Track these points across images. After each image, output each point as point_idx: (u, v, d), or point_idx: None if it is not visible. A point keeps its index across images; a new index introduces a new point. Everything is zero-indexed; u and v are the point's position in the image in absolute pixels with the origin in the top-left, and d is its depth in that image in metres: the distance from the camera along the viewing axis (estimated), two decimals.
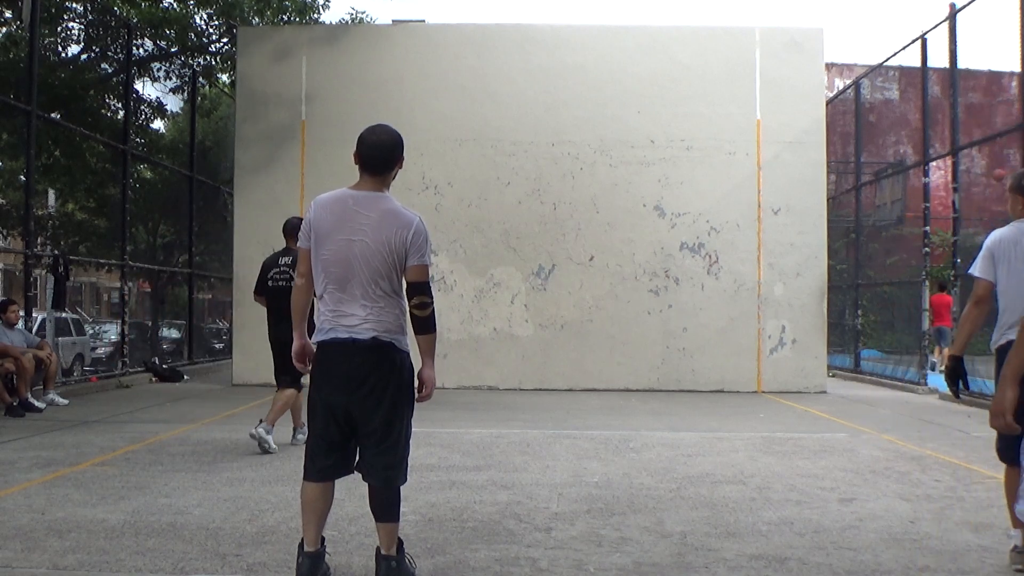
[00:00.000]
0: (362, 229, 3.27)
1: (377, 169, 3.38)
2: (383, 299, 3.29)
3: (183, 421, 8.50)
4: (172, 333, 19.35)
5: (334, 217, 3.30)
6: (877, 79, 16.82)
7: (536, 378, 12.47)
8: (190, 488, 5.29)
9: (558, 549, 4.10)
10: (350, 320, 3.27)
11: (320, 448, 3.39)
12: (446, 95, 12.76)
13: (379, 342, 3.28)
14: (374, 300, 3.28)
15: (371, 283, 3.27)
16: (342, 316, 3.29)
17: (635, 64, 12.72)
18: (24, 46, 12.77)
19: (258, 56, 13.11)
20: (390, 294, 3.30)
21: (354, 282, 3.28)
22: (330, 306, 3.32)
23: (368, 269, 3.26)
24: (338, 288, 3.30)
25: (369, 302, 3.28)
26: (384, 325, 3.29)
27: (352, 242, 3.27)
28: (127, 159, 13.72)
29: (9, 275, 30.86)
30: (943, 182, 14.87)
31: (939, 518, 4.78)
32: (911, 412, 10.02)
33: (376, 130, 3.45)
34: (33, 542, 4.04)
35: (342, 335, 3.28)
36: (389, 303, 3.30)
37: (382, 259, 3.26)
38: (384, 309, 3.29)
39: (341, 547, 4.05)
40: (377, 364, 3.29)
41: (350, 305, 3.28)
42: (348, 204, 3.31)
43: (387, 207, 3.32)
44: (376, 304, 3.28)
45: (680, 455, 6.78)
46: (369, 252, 3.26)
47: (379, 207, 3.31)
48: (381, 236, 3.26)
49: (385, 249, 3.26)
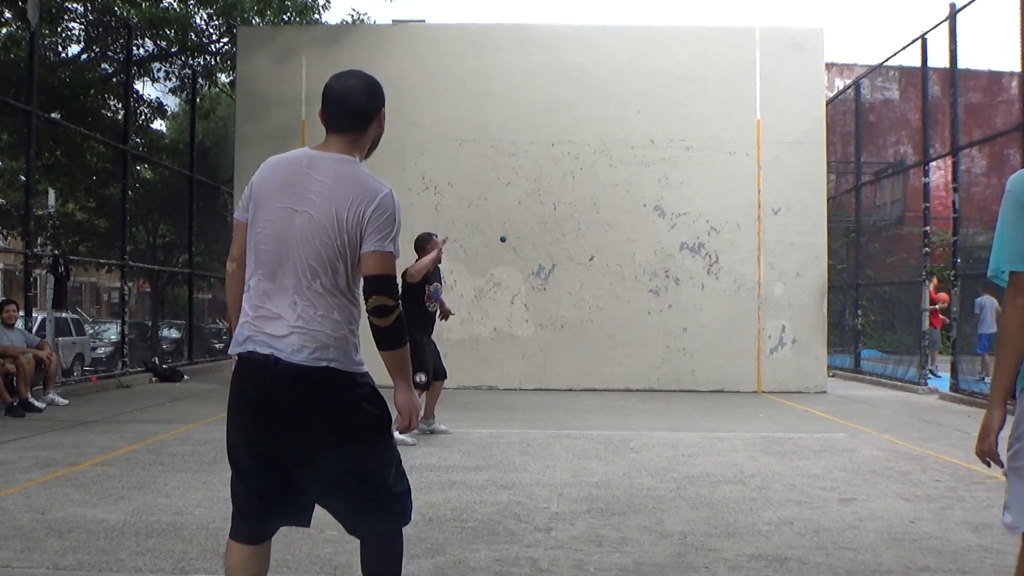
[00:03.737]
0: (309, 198, 2.37)
1: (343, 126, 2.51)
2: (323, 298, 2.34)
3: (183, 421, 8.49)
4: (172, 333, 19.35)
5: (277, 180, 2.43)
6: (877, 79, 16.84)
7: (536, 378, 12.47)
8: (190, 488, 5.29)
9: (558, 549, 4.10)
10: (274, 325, 2.34)
11: (252, 502, 2.42)
12: (446, 95, 12.76)
13: (309, 370, 2.30)
14: (309, 299, 2.34)
15: (307, 272, 2.33)
16: (265, 319, 2.36)
17: (635, 64, 12.72)
18: (24, 46, 12.78)
19: (258, 56, 13.11)
20: (334, 291, 2.34)
21: (287, 268, 2.36)
22: (253, 301, 2.40)
23: (307, 252, 2.34)
24: (267, 276, 2.38)
25: (302, 300, 2.33)
26: (320, 338, 2.31)
27: (294, 212, 2.37)
28: (127, 159, 13.72)
29: (9, 275, 30.87)
30: (943, 182, 14.88)
31: (939, 518, 4.77)
32: (911, 412, 10.02)
33: (343, 76, 2.57)
34: (33, 542, 4.04)
35: (260, 349, 2.34)
36: (332, 304, 2.34)
37: (327, 240, 2.33)
38: (322, 313, 2.33)
39: (341, 547, 4.04)
40: (309, 402, 2.31)
41: (278, 301, 2.35)
42: (301, 165, 2.44)
43: (347, 171, 2.42)
44: (311, 305, 2.33)
45: (680, 455, 6.78)
46: (312, 229, 2.34)
47: (337, 171, 2.42)
48: (331, 207, 2.34)
49: (333, 227, 2.33)
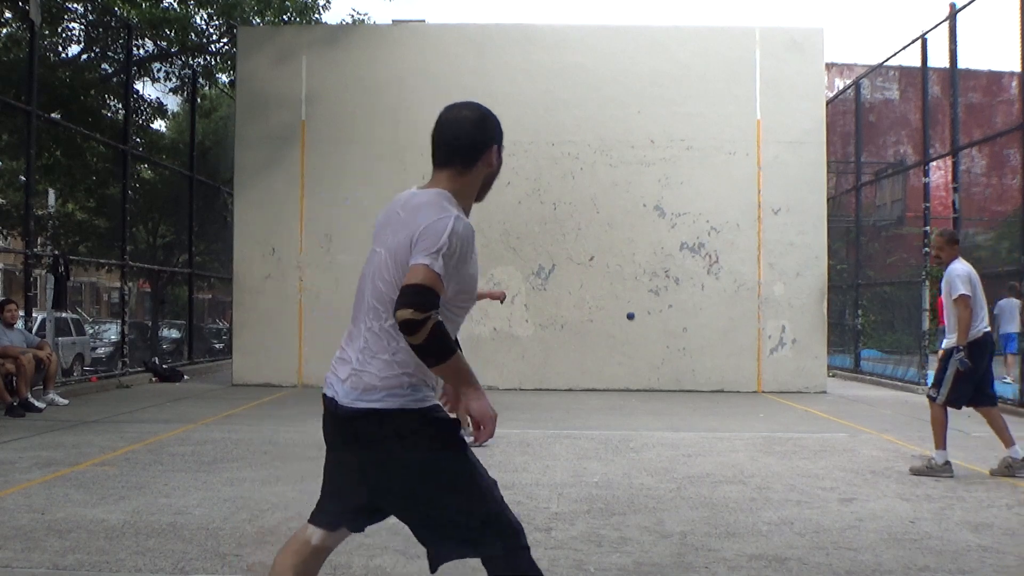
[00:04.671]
0: (384, 237, 2.36)
1: (443, 159, 2.37)
2: (379, 338, 2.30)
3: (183, 421, 8.49)
4: (172, 333, 19.33)
5: (379, 221, 2.44)
6: (877, 79, 16.82)
7: (536, 378, 12.47)
8: (190, 488, 5.28)
9: (558, 549, 4.10)
10: (342, 369, 2.36)
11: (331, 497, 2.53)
12: (446, 95, 12.59)
13: (352, 412, 2.30)
14: (367, 340, 2.32)
15: (370, 312, 2.32)
16: (340, 361, 2.39)
17: (635, 64, 12.72)
18: (24, 46, 12.77)
19: (258, 56, 13.10)
20: (392, 332, 2.26)
21: (360, 309, 2.38)
22: (341, 343, 2.44)
23: (372, 291, 2.33)
24: (352, 318, 2.43)
25: (364, 342, 2.32)
26: (366, 380, 2.29)
27: (374, 253, 2.38)
28: (127, 159, 13.72)
29: (9, 275, 30.86)
30: (943, 182, 14.86)
31: (939, 518, 4.77)
32: (911, 412, 10.01)
33: (456, 106, 2.42)
34: (33, 542, 4.04)
35: (327, 391, 2.40)
36: (386, 346, 2.29)
37: (387, 277, 2.29)
38: (374, 354, 2.30)
39: (341, 547, 4.03)
40: (354, 445, 2.35)
41: (352, 344, 2.38)
42: (397, 204, 2.40)
43: (421, 201, 2.31)
44: (367, 347, 2.31)
45: (680, 455, 6.78)
46: (377, 267, 2.33)
47: (413, 203, 2.33)
48: (394, 243, 2.29)
49: (392, 262, 2.28)
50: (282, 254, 12.74)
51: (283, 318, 12.61)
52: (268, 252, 12.77)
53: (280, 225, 12.74)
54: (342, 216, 12.52)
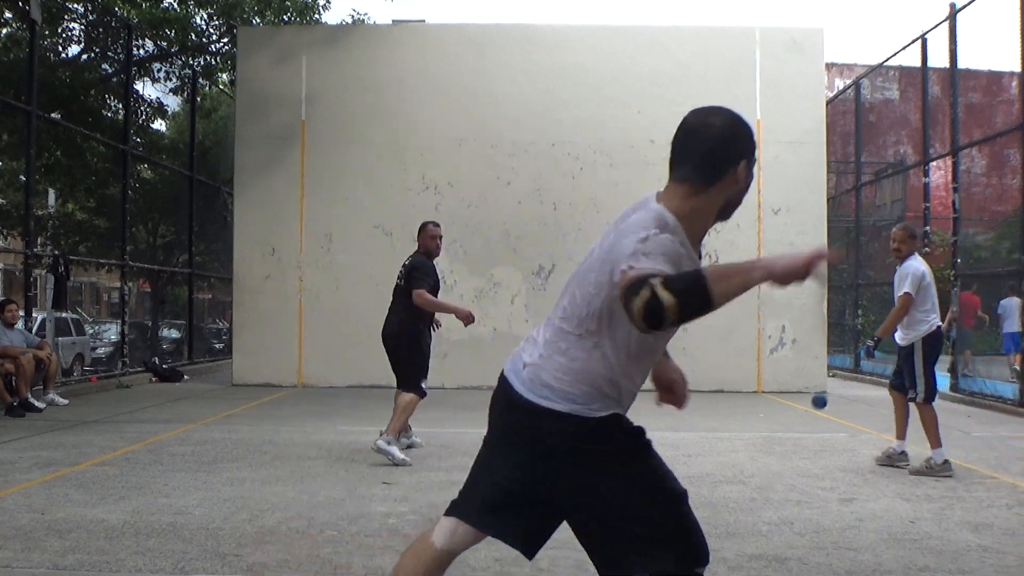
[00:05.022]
0: (599, 242, 2.27)
1: (678, 172, 2.22)
2: (565, 336, 2.18)
3: (183, 421, 8.49)
4: (172, 333, 19.33)
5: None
6: (877, 79, 16.82)
7: None
8: (190, 488, 5.28)
9: (558, 549, 4.09)
10: (529, 351, 2.26)
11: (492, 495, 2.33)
12: (446, 95, 12.75)
13: (533, 408, 2.16)
14: (555, 333, 2.20)
15: (560, 309, 2.23)
16: (531, 341, 2.30)
17: (635, 64, 12.71)
18: (24, 46, 12.77)
19: (258, 57, 13.10)
20: (573, 334, 2.16)
21: (560, 298, 2.28)
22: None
23: (570, 292, 2.24)
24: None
25: (551, 332, 2.21)
26: (544, 376, 2.16)
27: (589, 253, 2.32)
28: (127, 159, 13.71)
29: (9, 275, 30.86)
30: (943, 182, 14.86)
31: (939, 518, 4.77)
32: (911, 412, 10.00)
33: (704, 111, 2.25)
34: (33, 542, 4.04)
35: (507, 368, 2.27)
36: (565, 344, 2.16)
37: (584, 289, 2.20)
38: (560, 350, 2.17)
39: (341, 547, 4.04)
40: (531, 438, 2.18)
41: (543, 330, 2.27)
42: (625, 212, 2.29)
43: (634, 222, 2.16)
44: (554, 340, 2.19)
45: (680, 455, 6.78)
46: (585, 269, 2.25)
47: (630, 221, 2.18)
48: (598, 255, 2.22)
49: (594, 270, 2.19)
50: (282, 254, 12.73)
51: (283, 318, 12.61)
52: (268, 252, 12.77)
53: (280, 225, 12.74)
54: (342, 216, 12.52)
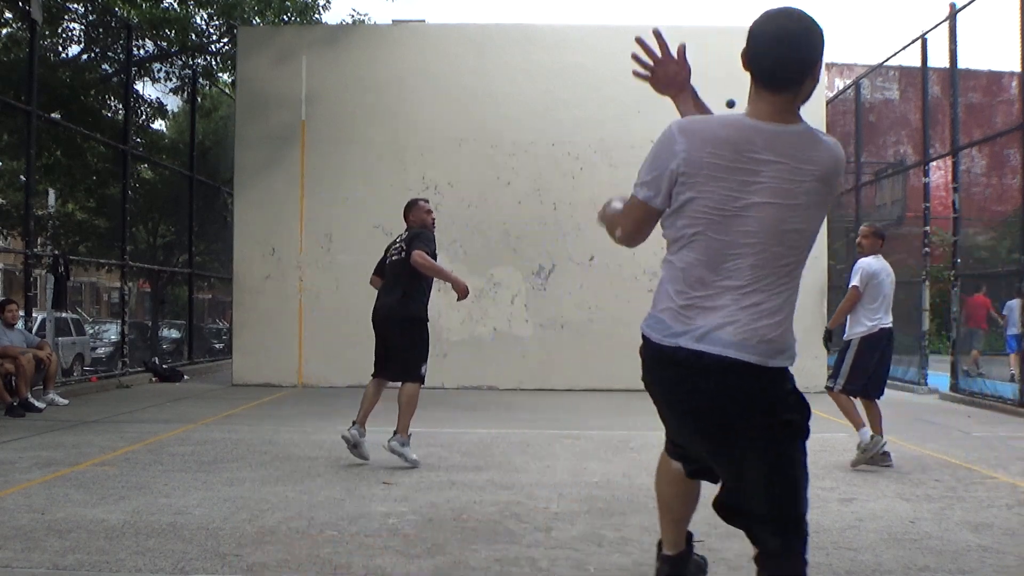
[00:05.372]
0: (759, 182, 2.32)
1: (782, 82, 2.25)
2: (792, 292, 2.35)
3: (183, 421, 8.49)
4: (172, 333, 19.33)
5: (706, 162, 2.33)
6: (877, 79, 16.81)
7: (536, 378, 12.46)
8: (190, 488, 5.28)
9: (558, 549, 4.10)
10: (764, 325, 2.31)
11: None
12: (446, 95, 12.75)
13: (775, 372, 2.31)
14: (783, 294, 2.34)
15: (780, 264, 2.32)
16: (764, 313, 2.30)
17: (635, 64, 12.68)
18: (24, 46, 12.77)
19: (258, 57, 13.10)
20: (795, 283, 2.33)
21: (760, 261, 2.33)
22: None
23: (781, 244, 2.33)
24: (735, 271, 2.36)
25: (782, 298, 2.34)
26: (789, 339, 2.34)
27: (755, 205, 2.32)
28: (127, 159, 13.71)
29: (9, 275, 30.86)
30: (943, 182, 14.84)
31: (939, 518, 4.77)
32: (911, 412, 10.01)
33: (790, 16, 2.18)
34: (33, 542, 4.04)
35: (735, 354, 2.30)
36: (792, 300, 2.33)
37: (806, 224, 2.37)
38: (790, 311, 2.35)
39: (341, 547, 4.04)
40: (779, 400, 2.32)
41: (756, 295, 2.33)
42: (746, 138, 2.29)
43: (817, 136, 2.36)
44: (786, 303, 2.35)
45: None
46: (785, 217, 2.31)
47: (810, 138, 2.36)
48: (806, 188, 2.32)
49: (812, 209, 2.35)
50: (282, 254, 12.73)
51: (283, 318, 12.61)
52: (268, 252, 12.77)
53: (280, 225, 12.74)
54: (342, 216, 12.52)
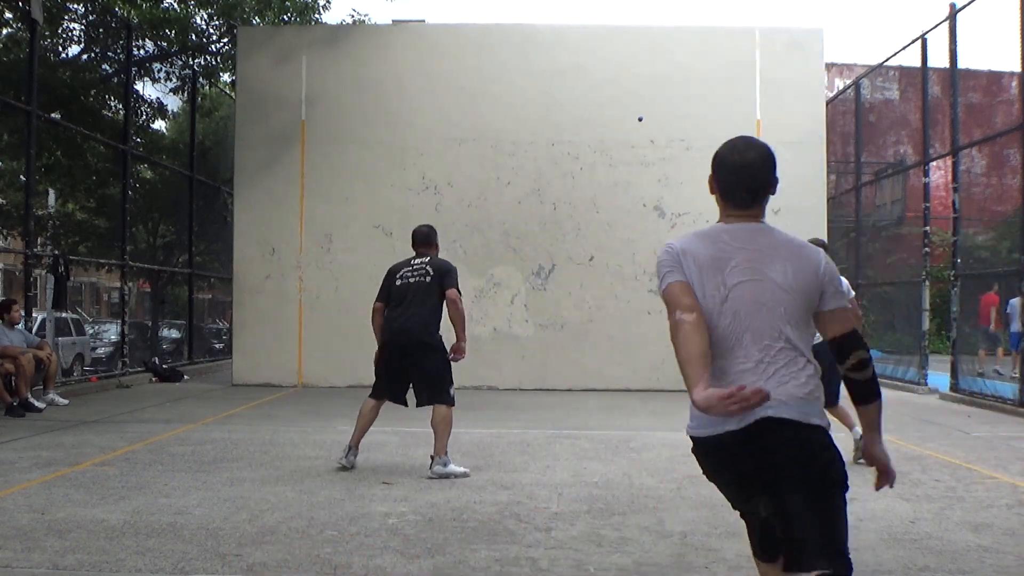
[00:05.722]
0: (751, 267, 2.55)
1: (755, 198, 2.67)
2: (799, 356, 2.51)
3: (183, 421, 8.49)
4: (172, 333, 19.32)
5: (709, 255, 2.59)
6: (877, 79, 16.81)
7: (536, 378, 12.46)
8: (190, 488, 5.29)
9: (558, 549, 4.10)
10: (788, 388, 2.44)
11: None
12: (446, 95, 12.75)
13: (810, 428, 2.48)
14: (785, 359, 2.49)
15: (780, 335, 2.49)
16: (786, 376, 2.45)
17: (635, 64, 12.71)
18: (24, 46, 12.77)
19: (258, 57, 13.10)
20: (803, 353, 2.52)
21: (756, 327, 2.51)
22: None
23: (774, 317, 2.51)
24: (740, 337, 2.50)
25: (782, 362, 2.48)
26: (819, 396, 2.53)
27: (754, 280, 2.53)
28: (127, 159, 13.71)
29: (9, 275, 30.86)
30: (943, 182, 14.84)
31: (939, 518, 4.78)
32: (911, 412, 10.01)
33: (749, 147, 2.68)
34: (33, 542, 4.04)
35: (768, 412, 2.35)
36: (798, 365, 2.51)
37: (793, 307, 2.52)
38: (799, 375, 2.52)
39: (341, 547, 4.05)
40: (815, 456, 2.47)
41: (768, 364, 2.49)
42: (739, 238, 2.60)
43: (790, 238, 2.63)
44: (789, 365, 2.50)
45: (680, 455, 6.77)
46: (776, 298, 2.52)
47: (785, 239, 2.63)
48: (793, 275, 2.53)
49: (797, 295, 2.53)
50: (282, 254, 12.74)
51: (283, 318, 12.61)
52: (268, 252, 12.77)
53: (280, 225, 12.74)
54: (342, 216, 12.52)
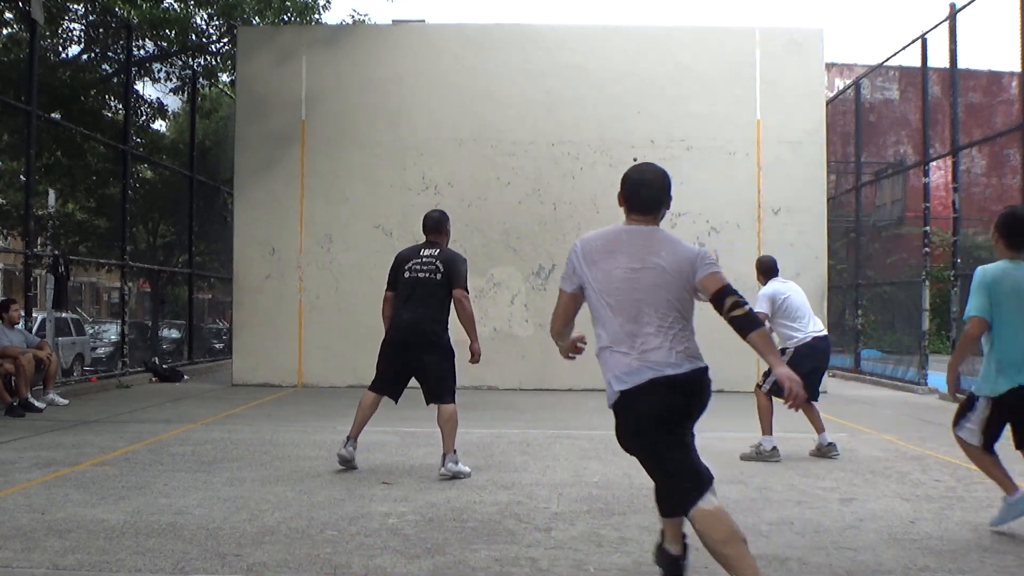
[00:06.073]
0: (636, 259, 3.55)
1: (654, 207, 3.67)
2: (684, 325, 3.59)
3: (183, 421, 8.49)
4: (172, 333, 19.33)
5: (598, 249, 3.64)
6: (877, 79, 16.82)
7: (536, 378, 12.45)
8: (190, 488, 5.29)
9: (558, 549, 4.10)
10: (659, 352, 3.49)
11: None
12: (446, 95, 12.75)
13: (699, 372, 3.60)
14: (676, 327, 3.56)
15: (670, 310, 3.55)
16: (653, 350, 3.48)
17: (635, 64, 12.71)
18: (24, 46, 12.77)
19: (258, 57, 13.10)
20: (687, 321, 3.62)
21: (642, 311, 3.53)
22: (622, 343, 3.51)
23: (660, 298, 3.55)
24: (630, 320, 3.50)
25: (674, 330, 3.55)
26: (693, 350, 3.59)
27: (634, 271, 3.52)
28: (127, 159, 13.72)
29: (9, 275, 30.86)
30: (943, 182, 14.85)
31: (939, 518, 4.78)
32: (911, 412, 10.02)
33: (647, 169, 3.70)
34: (33, 542, 4.04)
35: (652, 374, 3.47)
36: (687, 330, 3.64)
37: (676, 286, 3.58)
38: (689, 335, 3.63)
39: (341, 547, 4.05)
40: (700, 392, 3.62)
41: (652, 336, 3.52)
42: (625, 236, 3.61)
43: (669, 236, 3.62)
44: (681, 332, 3.58)
45: None
46: (656, 282, 3.52)
47: (662, 236, 3.60)
48: (672, 263, 3.53)
49: (674, 277, 3.57)
50: (282, 254, 12.73)
51: (283, 318, 12.61)
52: (268, 252, 12.77)
53: (280, 225, 12.74)
54: (342, 216, 12.52)
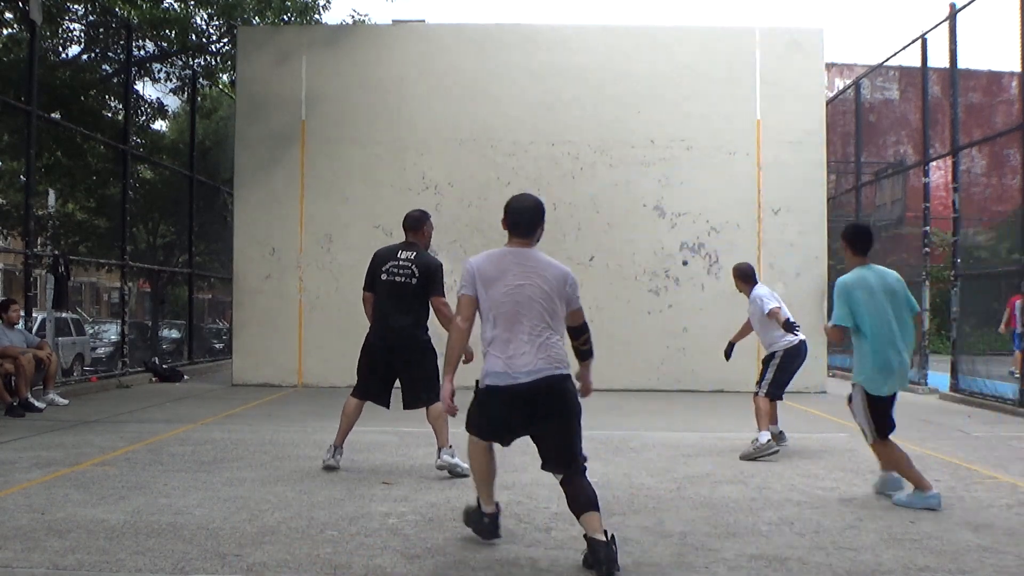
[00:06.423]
0: (521, 276, 3.96)
1: (531, 232, 4.01)
2: (552, 334, 3.98)
3: (183, 421, 8.49)
4: (172, 333, 19.32)
5: (489, 270, 4.01)
6: (877, 79, 16.81)
7: None
8: (190, 488, 5.29)
9: (558, 549, 4.11)
10: (525, 358, 3.92)
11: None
12: (446, 95, 12.75)
13: (560, 376, 3.94)
14: (546, 336, 3.95)
15: (541, 321, 3.95)
16: (520, 355, 3.93)
17: (635, 64, 12.71)
18: (24, 46, 12.77)
19: (258, 57, 13.10)
20: (558, 332, 4.04)
21: (522, 318, 4.01)
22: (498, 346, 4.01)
23: (537, 309, 3.98)
24: (509, 327, 3.98)
25: (543, 338, 3.95)
26: (558, 356, 3.95)
27: (518, 285, 3.98)
28: (127, 159, 13.72)
29: (9, 275, 30.85)
30: (943, 182, 14.84)
31: (939, 518, 4.77)
32: (911, 412, 10.00)
33: (526, 198, 4.08)
34: (33, 542, 4.04)
35: (517, 379, 3.96)
36: (554, 339, 4.01)
37: (549, 301, 4.00)
38: (555, 344, 3.99)
39: (341, 547, 4.05)
40: (558, 394, 3.95)
41: (527, 342, 3.97)
42: (510, 258, 3.98)
43: (548, 259, 4.06)
44: (548, 340, 3.95)
45: (680, 455, 6.78)
46: (536, 295, 3.95)
47: (541, 258, 4.03)
48: (550, 280, 3.97)
49: (553, 292, 4.01)
50: (282, 254, 12.74)
51: (283, 318, 12.61)
52: (268, 252, 12.77)
53: (280, 225, 12.74)
54: (342, 216, 12.52)
